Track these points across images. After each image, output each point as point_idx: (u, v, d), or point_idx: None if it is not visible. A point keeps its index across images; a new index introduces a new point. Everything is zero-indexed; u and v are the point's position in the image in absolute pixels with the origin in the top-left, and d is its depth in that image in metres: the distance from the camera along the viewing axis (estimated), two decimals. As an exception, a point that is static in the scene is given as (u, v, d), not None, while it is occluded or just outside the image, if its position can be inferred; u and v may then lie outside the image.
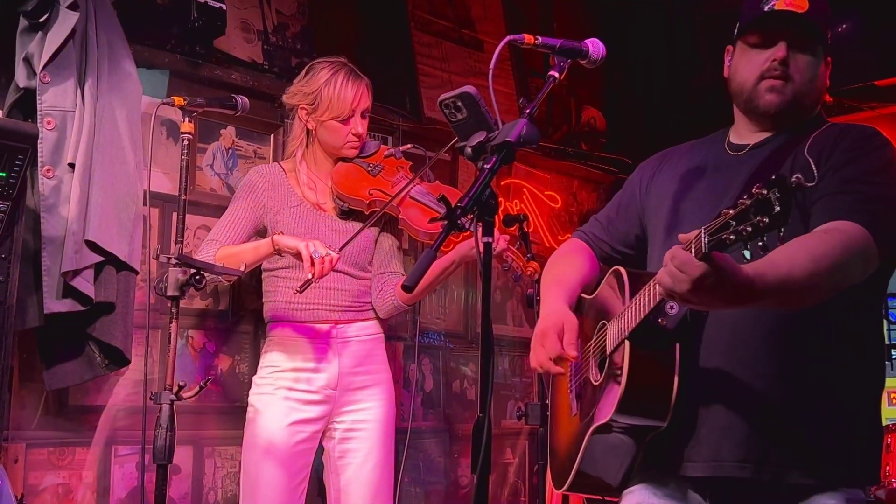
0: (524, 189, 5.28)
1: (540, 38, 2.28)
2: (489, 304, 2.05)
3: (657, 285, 1.88)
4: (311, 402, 3.39)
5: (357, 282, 3.49)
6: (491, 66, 2.27)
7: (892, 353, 6.12)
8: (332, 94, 3.41)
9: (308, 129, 3.51)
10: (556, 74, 2.25)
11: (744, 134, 2.34)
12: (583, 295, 2.46)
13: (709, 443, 2.11)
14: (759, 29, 2.23)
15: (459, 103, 2.29)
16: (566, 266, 2.49)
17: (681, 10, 5.91)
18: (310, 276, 3.08)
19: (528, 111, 2.16)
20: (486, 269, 2.04)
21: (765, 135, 2.29)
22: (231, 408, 3.83)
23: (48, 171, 3.12)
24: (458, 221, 2.00)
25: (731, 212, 1.68)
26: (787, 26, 2.20)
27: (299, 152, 3.54)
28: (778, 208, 1.62)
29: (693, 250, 1.77)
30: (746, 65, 2.25)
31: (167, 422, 2.85)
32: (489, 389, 1.95)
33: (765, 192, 1.63)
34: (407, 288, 1.99)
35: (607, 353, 2.16)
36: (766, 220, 1.62)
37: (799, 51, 2.20)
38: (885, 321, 5.74)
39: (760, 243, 1.66)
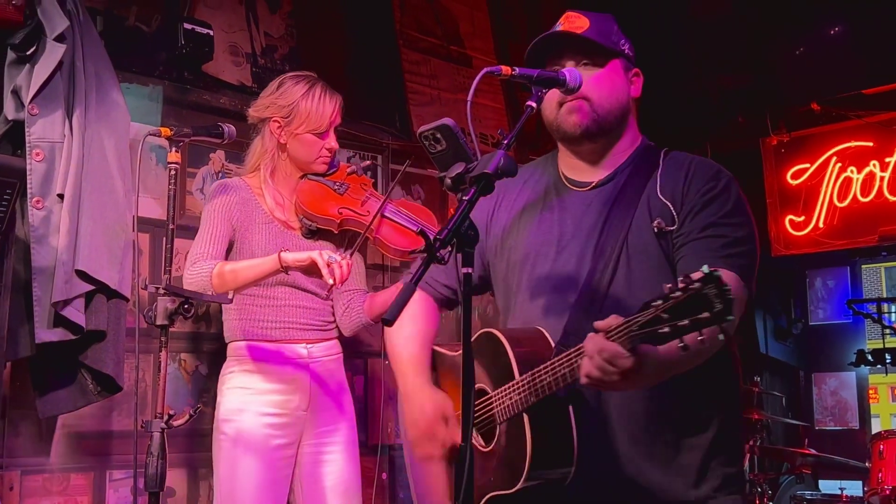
0: (516, 201, 5.31)
1: (517, 69, 2.29)
2: (469, 335, 2.07)
3: (580, 373, 1.90)
4: (285, 425, 3.32)
5: (323, 301, 3.43)
6: (469, 97, 2.28)
7: (887, 356, 6.17)
8: (310, 106, 3.36)
9: (279, 143, 3.41)
10: (534, 104, 2.25)
11: (577, 168, 2.37)
12: (440, 350, 2.45)
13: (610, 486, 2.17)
14: (545, 58, 2.30)
15: (438, 135, 2.31)
16: (413, 327, 2.44)
17: (668, 18, 5.94)
18: (331, 281, 3.00)
19: (505, 142, 2.18)
20: (466, 300, 2.06)
21: (602, 171, 2.33)
22: (225, 429, 3.86)
23: (38, 202, 3.16)
24: (438, 254, 2.02)
25: (660, 303, 1.70)
26: (566, 47, 2.28)
27: (268, 167, 3.43)
28: (720, 305, 1.64)
29: (619, 341, 1.80)
30: (546, 98, 2.27)
31: (158, 450, 2.86)
32: (470, 419, 1.97)
33: (698, 285, 1.65)
34: (387, 322, 1.99)
35: (497, 422, 2.17)
36: (708, 315, 1.64)
37: (585, 67, 2.26)
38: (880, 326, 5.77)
39: (700, 337, 1.68)
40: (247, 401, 3.30)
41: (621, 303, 2.14)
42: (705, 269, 1.66)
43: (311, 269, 3.08)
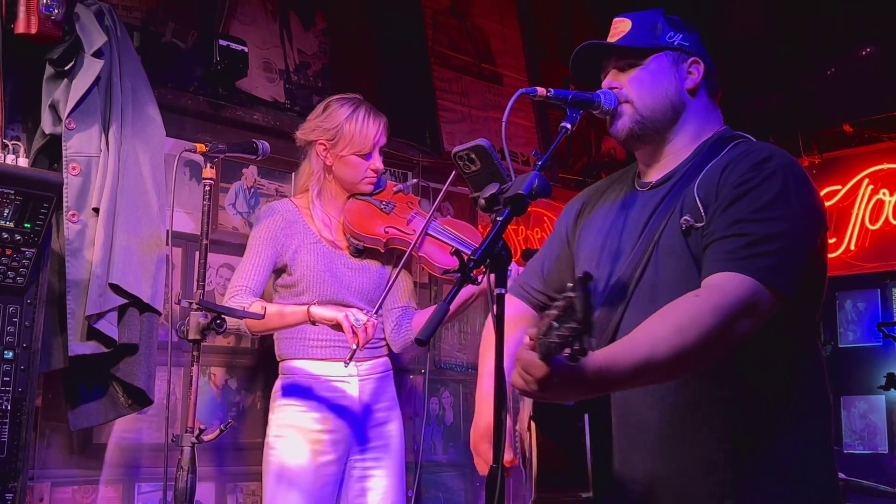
0: (545, 217, 5.31)
1: (552, 90, 2.28)
2: (502, 355, 2.07)
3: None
4: (333, 442, 3.40)
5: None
6: (504, 118, 2.28)
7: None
8: (353, 129, 3.42)
9: (325, 165, 3.50)
10: (569, 126, 2.23)
11: (644, 170, 2.33)
12: None
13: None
14: (591, 69, 2.30)
15: (473, 155, 2.31)
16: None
17: (704, 36, 5.92)
18: (354, 346, 3.11)
19: (539, 163, 2.18)
20: (499, 321, 2.06)
21: (662, 170, 2.27)
22: (253, 444, 3.86)
23: (73, 215, 3.19)
24: (471, 274, 2.03)
25: (552, 311, 1.64)
26: (606, 55, 2.26)
27: (315, 188, 3.51)
28: (580, 314, 1.56)
29: (534, 349, 1.73)
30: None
31: (188, 464, 2.88)
32: (502, 440, 1.96)
33: (571, 294, 1.58)
34: (420, 342, 2.00)
35: (525, 429, 2.16)
36: (576, 325, 1.57)
37: (625, 69, 2.25)
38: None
39: (577, 346, 1.60)
40: (296, 418, 3.39)
41: (646, 301, 2.08)
42: (580, 274, 1.59)
43: (337, 328, 3.17)
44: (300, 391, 3.42)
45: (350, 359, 3.16)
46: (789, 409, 2.08)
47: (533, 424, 2.04)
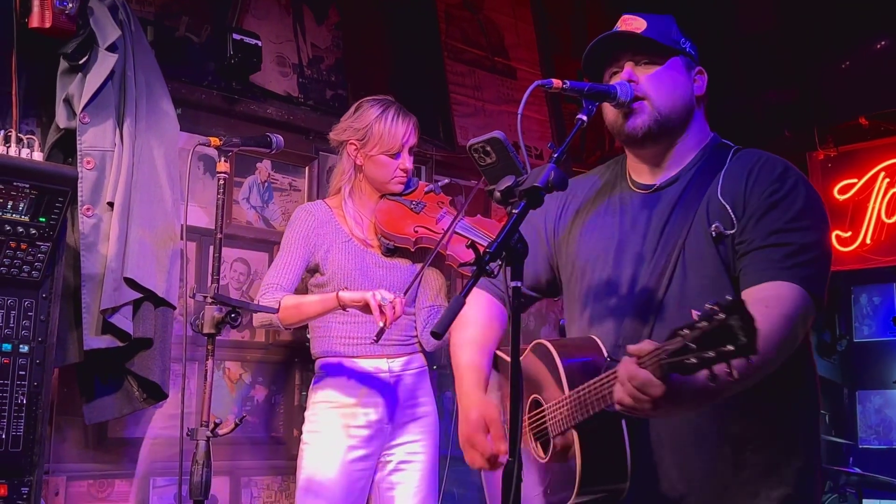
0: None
1: (568, 82, 2.26)
2: (518, 348, 2.05)
3: (615, 402, 1.85)
4: (366, 438, 3.42)
5: (404, 317, 3.49)
6: (519, 110, 2.26)
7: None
8: (382, 129, 3.46)
9: (356, 165, 3.53)
10: (584, 118, 2.21)
11: (641, 171, 2.32)
12: (502, 354, 2.43)
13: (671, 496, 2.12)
14: (603, 60, 2.27)
15: (488, 148, 2.30)
16: (475, 331, 2.44)
17: (715, 34, 5.90)
18: (381, 324, 3.12)
19: (555, 155, 2.16)
20: (515, 313, 2.05)
21: (666, 172, 2.27)
22: (267, 438, 3.88)
23: (88, 209, 3.19)
24: (487, 267, 2.02)
25: (687, 332, 1.64)
26: (624, 47, 2.23)
27: (347, 188, 3.55)
28: (743, 339, 1.57)
29: (650, 369, 1.74)
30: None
31: (203, 458, 2.87)
32: (518, 433, 1.95)
33: (722, 316, 1.59)
34: (436, 335, 1.99)
35: (551, 435, 2.14)
36: (732, 348, 1.58)
37: (645, 66, 2.22)
38: None
39: (727, 370, 1.62)
40: (329, 415, 3.42)
41: (676, 312, 2.10)
42: (728, 297, 1.59)
43: (366, 310, 3.19)
44: (334, 388, 3.44)
45: (378, 337, 3.16)
46: (801, 404, 2.17)
47: (575, 432, 2.05)
